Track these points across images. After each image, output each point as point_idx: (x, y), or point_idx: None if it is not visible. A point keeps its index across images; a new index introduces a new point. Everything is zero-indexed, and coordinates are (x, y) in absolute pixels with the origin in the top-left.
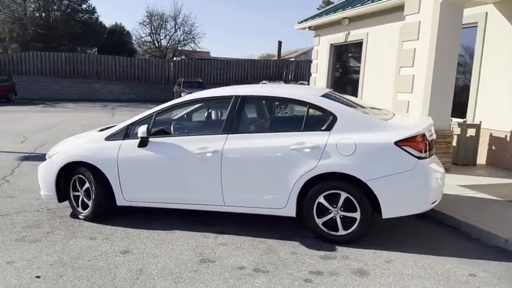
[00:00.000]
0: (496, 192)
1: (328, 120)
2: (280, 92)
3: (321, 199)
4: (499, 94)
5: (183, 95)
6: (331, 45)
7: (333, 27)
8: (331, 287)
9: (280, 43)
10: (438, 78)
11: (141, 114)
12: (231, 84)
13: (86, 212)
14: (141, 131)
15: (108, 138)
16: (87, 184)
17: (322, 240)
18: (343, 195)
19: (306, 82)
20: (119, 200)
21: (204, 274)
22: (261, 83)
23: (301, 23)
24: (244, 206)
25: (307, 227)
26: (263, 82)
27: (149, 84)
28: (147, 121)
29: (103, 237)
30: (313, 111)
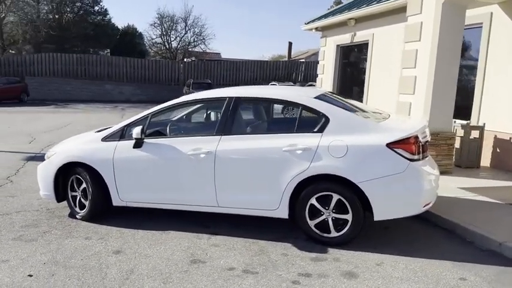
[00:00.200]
0: (496, 195)
1: (321, 121)
2: (273, 93)
3: (313, 201)
4: (504, 95)
5: None
6: (337, 46)
7: (339, 28)
8: None
9: (290, 44)
10: (440, 80)
11: (136, 116)
12: (241, 86)
13: (83, 212)
14: (136, 132)
15: (105, 139)
16: (84, 184)
17: (314, 242)
18: (335, 197)
19: (315, 83)
20: (115, 200)
21: (193, 275)
22: (270, 84)
23: (307, 23)
24: (237, 207)
25: (300, 229)
26: (272, 83)
27: (159, 85)
28: (142, 122)
29: (98, 237)
30: (306, 113)
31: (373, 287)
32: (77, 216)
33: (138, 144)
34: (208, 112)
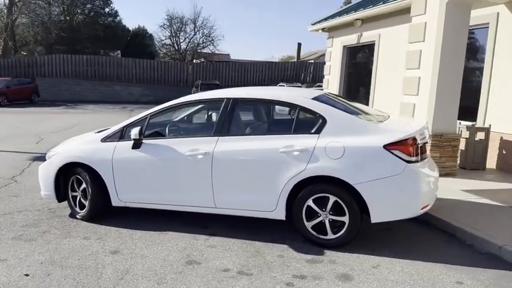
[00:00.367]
0: (500, 198)
1: (318, 122)
2: (271, 94)
3: (310, 202)
4: (511, 96)
5: None
6: (344, 46)
7: (345, 28)
8: None
9: (299, 45)
10: (444, 81)
11: (136, 116)
12: (249, 86)
13: (83, 212)
14: (134, 132)
15: (104, 139)
16: (84, 185)
17: (311, 244)
18: (332, 198)
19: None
20: (114, 200)
21: (188, 276)
22: (278, 85)
23: (314, 24)
24: (234, 208)
25: (297, 231)
26: (280, 84)
27: (168, 86)
28: (141, 123)
29: (96, 237)
30: (304, 114)
31: None
32: (77, 216)
33: (136, 145)
34: (207, 113)
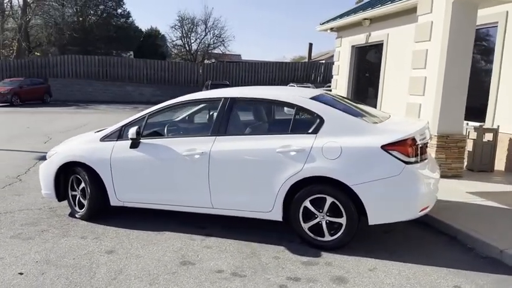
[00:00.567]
0: (505, 200)
1: (315, 122)
2: (269, 93)
3: (306, 203)
4: None
5: None
6: (352, 46)
7: (354, 28)
8: None
9: (310, 45)
10: (450, 81)
11: (134, 116)
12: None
13: (82, 211)
14: (131, 132)
15: (103, 139)
16: (83, 184)
17: (308, 246)
18: (329, 199)
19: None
20: (112, 200)
21: (181, 277)
22: (288, 85)
23: (323, 24)
24: (231, 208)
25: (294, 232)
26: (291, 85)
27: (179, 86)
28: (139, 123)
29: (93, 237)
30: (302, 114)
31: None
32: (76, 216)
33: (134, 144)
34: (205, 112)
